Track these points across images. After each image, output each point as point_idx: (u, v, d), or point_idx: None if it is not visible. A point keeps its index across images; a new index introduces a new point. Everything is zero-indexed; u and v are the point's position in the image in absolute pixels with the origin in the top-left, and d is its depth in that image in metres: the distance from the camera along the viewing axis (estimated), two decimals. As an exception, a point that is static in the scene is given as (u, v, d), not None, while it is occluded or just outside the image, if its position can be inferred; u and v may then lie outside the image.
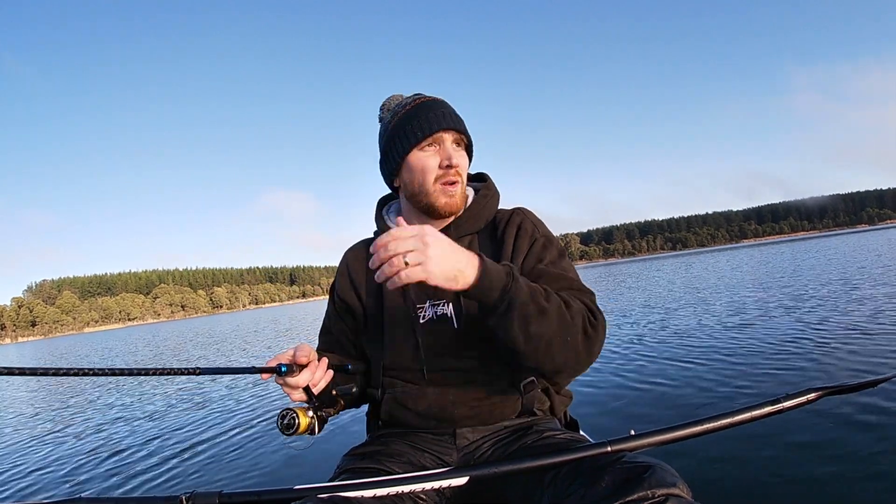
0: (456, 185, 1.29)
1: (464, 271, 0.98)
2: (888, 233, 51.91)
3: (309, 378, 1.15)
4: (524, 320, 1.01)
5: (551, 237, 1.34)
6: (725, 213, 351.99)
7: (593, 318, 1.11)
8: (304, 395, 1.17)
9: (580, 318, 1.08)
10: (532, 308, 1.02)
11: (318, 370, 1.18)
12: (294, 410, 1.12)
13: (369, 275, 1.40)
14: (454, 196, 1.29)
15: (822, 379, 3.65)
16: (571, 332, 1.06)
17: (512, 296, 1.00)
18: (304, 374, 1.14)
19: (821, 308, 6.74)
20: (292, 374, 1.12)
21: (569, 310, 1.07)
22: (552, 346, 1.05)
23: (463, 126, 1.31)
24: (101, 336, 64.45)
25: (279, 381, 1.15)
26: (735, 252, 50.40)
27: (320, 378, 1.18)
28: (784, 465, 2.34)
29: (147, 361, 13.70)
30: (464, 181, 1.32)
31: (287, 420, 1.11)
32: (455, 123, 1.29)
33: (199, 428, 4.83)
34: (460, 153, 1.30)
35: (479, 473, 0.99)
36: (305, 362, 1.14)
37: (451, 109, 1.32)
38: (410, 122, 1.29)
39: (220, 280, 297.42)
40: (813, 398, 1.10)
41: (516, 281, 1.02)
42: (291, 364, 1.13)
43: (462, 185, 1.31)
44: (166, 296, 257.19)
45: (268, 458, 3.61)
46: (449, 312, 1.28)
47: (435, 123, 1.27)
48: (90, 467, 4.04)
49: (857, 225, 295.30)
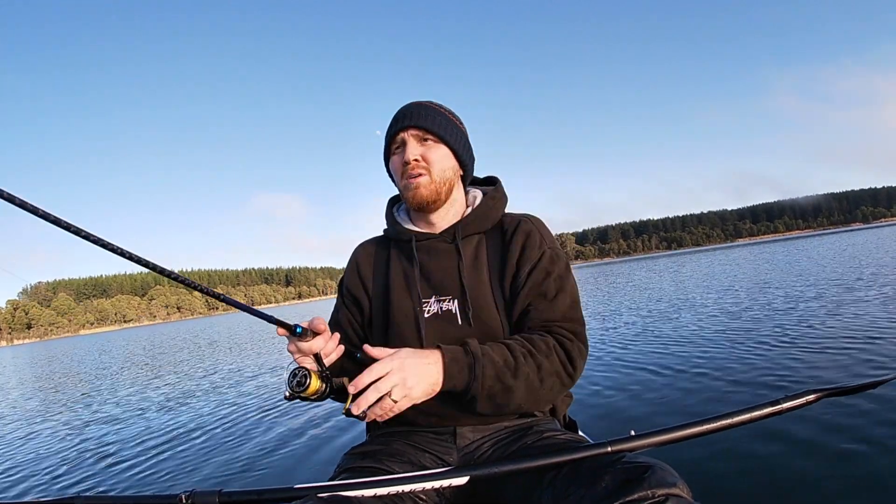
0: (417, 178, 1.31)
1: (437, 380, 1.11)
2: (882, 231, 52.07)
3: (322, 346, 1.14)
4: (489, 399, 1.15)
5: (559, 251, 1.36)
6: (720, 212, 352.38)
7: (571, 369, 1.21)
8: (314, 365, 1.15)
9: (552, 379, 1.18)
10: (498, 388, 1.13)
11: (331, 341, 1.17)
12: (307, 369, 1.09)
13: (377, 269, 1.45)
14: (417, 188, 1.31)
15: (821, 380, 3.65)
16: (541, 393, 1.18)
17: (474, 393, 1.13)
18: (317, 340, 1.13)
19: (821, 308, 6.72)
20: (305, 339, 1.11)
21: (540, 374, 1.16)
22: (521, 407, 1.20)
23: (426, 122, 1.32)
24: (97, 338, 64.19)
25: (290, 348, 1.14)
26: (730, 251, 50.50)
27: (332, 349, 1.18)
28: (784, 465, 2.33)
29: (142, 362, 13.64)
30: (431, 172, 1.32)
31: (299, 377, 1.09)
32: (415, 121, 1.32)
33: (200, 426, 4.82)
34: (425, 147, 1.33)
35: (479, 473, 1.00)
36: (322, 330, 1.13)
37: (421, 109, 1.34)
38: (387, 131, 1.38)
39: (216, 281, 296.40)
40: (813, 399, 1.10)
41: (477, 379, 1.12)
42: (307, 329, 1.11)
43: (429, 176, 1.32)
44: (162, 297, 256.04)
45: (268, 456, 3.59)
46: (454, 308, 1.30)
47: (395, 125, 1.35)
48: (89, 465, 4.03)
49: (851, 223, 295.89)
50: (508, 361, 1.14)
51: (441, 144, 1.34)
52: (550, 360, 1.16)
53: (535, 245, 1.33)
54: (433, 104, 1.38)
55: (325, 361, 1.16)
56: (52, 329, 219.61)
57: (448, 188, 1.36)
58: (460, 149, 1.37)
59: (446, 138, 1.33)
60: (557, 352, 1.18)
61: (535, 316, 1.26)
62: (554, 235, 1.43)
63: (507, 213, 1.45)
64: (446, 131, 1.34)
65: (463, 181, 1.44)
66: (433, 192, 1.32)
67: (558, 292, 1.28)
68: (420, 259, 1.36)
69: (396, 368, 1.06)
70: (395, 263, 1.41)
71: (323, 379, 1.12)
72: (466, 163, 1.40)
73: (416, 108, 1.35)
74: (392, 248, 1.44)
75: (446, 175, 1.34)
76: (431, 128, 1.32)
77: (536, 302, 1.27)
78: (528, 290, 1.28)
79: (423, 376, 1.08)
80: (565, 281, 1.30)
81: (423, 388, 1.09)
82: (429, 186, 1.32)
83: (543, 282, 1.28)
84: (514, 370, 1.12)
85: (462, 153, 1.38)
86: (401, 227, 1.41)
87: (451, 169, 1.36)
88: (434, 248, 1.37)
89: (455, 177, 1.38)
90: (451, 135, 1.35)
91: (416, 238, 1.38)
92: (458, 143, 1.37)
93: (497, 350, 1.15)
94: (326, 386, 1.12)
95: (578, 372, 1.21)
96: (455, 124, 1.38)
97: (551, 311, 1.26)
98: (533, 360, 1.15)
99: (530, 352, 1.16)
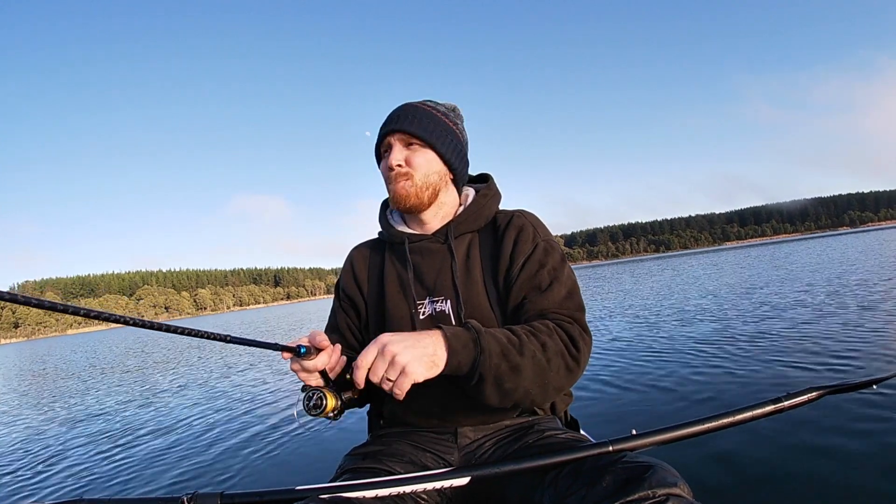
0: (400, 182, 1.32)
1: (436, 352, 1.01)
2: (869, 235, 52.51)
3: (326, 361, 1.13)
4: (497, 383, 1.06)
5: (553, 242, 1.34)
6: (708, 215, 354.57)
7: (575, 351, 1.14)
8: (320, 381, 1.15)
9: (558, 359, 1.11)
10: (504, 368, 1.05)
11: (334, 354, 1.16)
12: (321, 390, 1.09)
13: (372, 271, 1.44)
14: (400, 192, 1.32)
15: (822, 378, 3.67)
16: (549, 375, 1.10)
17: (482, 370, 1.04)
18: (321, 356, 1.12)
19: (821, 308, 6.79)
20: (310, 357, 1.10)
21: (545, 353, 1.09)
22: (529, 393, 1.10)
23: (411, 126, 1.31)
24: (85, 337, 63.65)
25: (294, 367, 1.13)
26: (720, 254, 50.75)
27: (336, 362, 1.16)
28: (785, 464, 2.34)
29: (136, 364, 13.54)
30: (415, 177, 1.32)
31: (315, 400, 1.08)
32: (400, 124, 1.32)
33: (201, 428, 4.79)
34: (410, 151, 1.32)
35: (480, 473, 1.00)
36: (325, 346, 1.12)
37: (409, 112, 1.33)
38: (378, 133, 1.38)
39: (205, 281, 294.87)
40: (814, 397, 1.11)
41: (484, 352, 1.04)
42: (310, 346, 1.10)
43: (412, 181, 1.31)
44: (150, 297, 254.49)
45: (269, 458, 3.59)
46: (447, 309, 1.30)
47: (383, 128, 1.35)
48: (91, 468, 4.00)
49: (839, 227, 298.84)
50: (512, 339, 1.08)
51: (427, 149, 1.33)
52: (553, 340, 1.12)
53: (528, 238, 1.31)
54: (425, 105, 1.36)
55: (331, 376, 1.15)
56: (39, 329, 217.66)
57: (432, 192, 1.34)
58: (448, 152, 1.34)
59: (432, 142, 1.32)
60: (558, 332, 1.14)
61: (529, 308, 1.23)
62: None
63: (500, 211, 1.44)
64: (432, 135, 1.32)
65: (455, 183, 1.41)
66: (415, 196, 1.32)
67: (553, 282, 1.25)
68: (413, 261, 1.36)
69: (382, 351, 0.99)
70: (389, 266, 1.41)
71: (336, 396, 1.12)
72: (455, 165, 1.37)
73: (405, 110, 1.34)
74: (386, 251, 1.44)
75: (430, 179, 1.33)
76: (416, 132, 1.30)
77: (531, 294, 1.24)
78: (522, 283, 1.26)
79: (417, 349, 0.99)
80: (560, 272, 1.28)
81: (421, 362, 0.99)
82: (410, 190, 1.32)
83: (537, 274, 1.26)
84: (518, 347, 1.07)
85: (450, 156, 1.35)
86: (394, 230, 1.41)
87: (438, 173, 1.34)
88: (427, 250, 1.36)
89: (442, 180, 1.36)
90: (438, 138, 1.33)
91: (409, 240, 1.37)
92: (446, 147, 1.34)
93: (498, 330, 1.10)
94: (340, 402, 1.12)
95: (583, 356, 1.16)
96: (446, 126, 1.35)
97: (546, 301, 1.23)
98: (536, 339, 1.10)
99: (532, 332, 1.12)
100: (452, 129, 1.37)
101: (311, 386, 1.13)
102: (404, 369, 0.97)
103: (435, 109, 1.36)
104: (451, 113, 1.40)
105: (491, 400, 1.08)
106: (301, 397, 1.11)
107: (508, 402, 1.10)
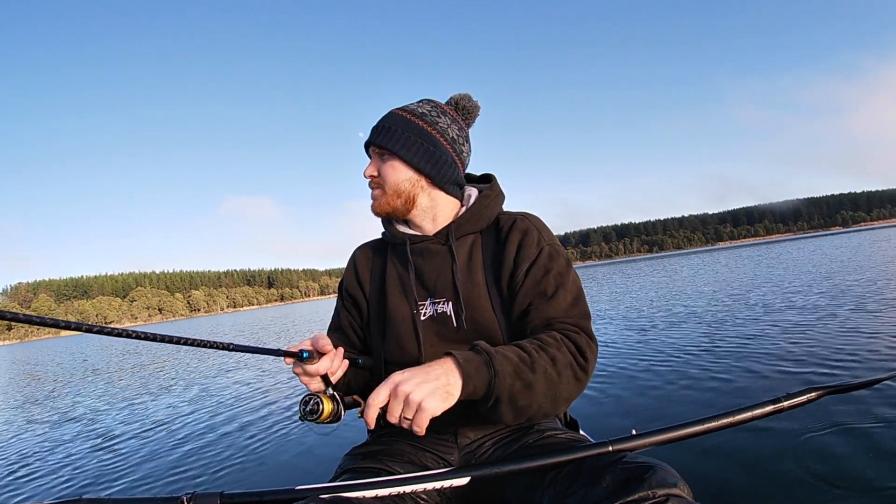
0: (374, 191, 1.39)
1: (449, 381, 1.00)
2: (861, 234, 52.77)
3: (328, 366, 1.14)
4: (511, 402, 1.05)
5: (558, 246, 1.33)
6: (701, 216, 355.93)
7: (583, 361, 1.14)
8: (321, 385, 1.16)
9: (568, 371, 1.11)
10: (518, 387, 1.05)
11: (336, 358, 1.17)
12: (318, 396, 1.10)
13: (374, 271, 1.46)
14: (373, 202, 1.39)
15: (822, 378, 3.68)
16: (560, 388, 1.10)
17: (497, 392, 1.03)
18: (323, 361, 1.13)
19: (820, 307, 6.79)
20: (312, 361, 1.11)
21: (556, 367, 1.09)
22: (542, 407, 1.10)
23: (380, 138, 1.33)
24: (80, 340, 63.32)
25: (297, 371, 1.14)
26: (713, 254, 50.91)
27: (338, 366, 1.18)
28: (785, 464, 2.34)
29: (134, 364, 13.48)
30: (384, 186, 1.35)
31: (311, 405, 1.09)
32: (373, 137, 1.36)
33: (200, 428, 4.78)
34: (382, 162, 1.36)
35: (480, 473, 0.99)
36: (328, 350, 1.13)
37: (383, 123, 1.36)
38: None
39: (198, 283, 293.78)
40: (814, 397, 1.11)
41: (498, 374, 1.02)
42: (312, 351, 1.11)
43: (382, 190, 1.36)
44: (143, 299, 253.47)
45: (269, 458, 3.59)
46: (448, 310, 1.30)
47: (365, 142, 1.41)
48: (90, 468, 3.99)
49: (831, 227, 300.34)
50: (523, 357, 1.07)
51: (394, 159, 1.33)
52: (562, 353, 1.11)
53: (533, 242, 1.30)
54: (404, 111, 1.36)
55: (332, 379, 1.16)
56: (32, 330, 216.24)
57: (405, 199, 1.35)
58: (415, 159, 1.32)
59: (396, 151, 1.32)
60: (566, 343, 1.14)
61: (535, 315, 1.22)
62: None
63: (503, 212, 1.43)
64: (397, 144, 1.31)
65: (440, 186, 1.37)
66: (386, 204, 1.35)
67: (558, 289, 1.24)
68: (415, 262, 1.36)
69: (395, 392, 0.98)
70: (391, 266, 1.41)
71: (334, 401, 1.12)
72: (426, 170, 1.34)
73: (381, 121, 1.37)
74: (388, 252, 1.44)
75: (401, 188, 1.34)
76: (383, 143, 1.32)
77: (536, 301, 1.24)
78: (527, 289, 1.26)
79: (430, 381, 0.98)
80: (565, 277, 1.27)
81: (435, 396, 0.97)
82: (381, 199, 1.36)
83: (542, 279, 1.25)
84: (530, 364, 1.06)
85: (418, 162, 1.32)
86: (395, 231, 1.41)
87: (408, 181, 1.34)
88: (428, 251, 1.36)
89: (415, 186, 1.35)
90: (404, 146, 1.31)
91: (411, 241, 1.37)
92: (413, 154, 1.32)
93: (507, 348, 1.09)
94: (338, 407, 1.12)
95: (591, 365, 1.15)
96: (420, 131, 1.33)
97: (552, 309, 1.22)
98: (546, 353, 1.10)
99: (541, 346, 1.11)
100: (428, 132, 1.34)
101: (311, 391, 1.13)
102: (420, 406, 0.96)
103: (412, 114, 1.35)
104: (432, 112, 1.37)
105: (506, 418, 1.08)
106: (300, 403, 1.12)
107: (522, 419, 1.10)
